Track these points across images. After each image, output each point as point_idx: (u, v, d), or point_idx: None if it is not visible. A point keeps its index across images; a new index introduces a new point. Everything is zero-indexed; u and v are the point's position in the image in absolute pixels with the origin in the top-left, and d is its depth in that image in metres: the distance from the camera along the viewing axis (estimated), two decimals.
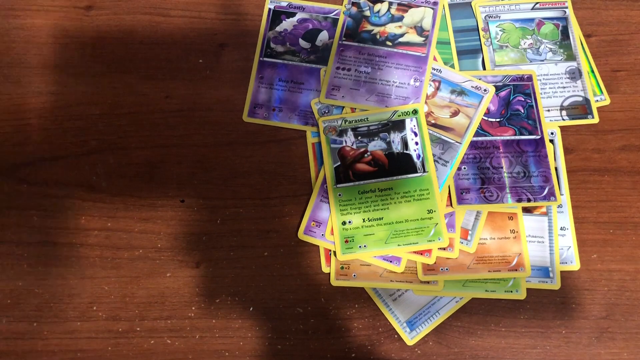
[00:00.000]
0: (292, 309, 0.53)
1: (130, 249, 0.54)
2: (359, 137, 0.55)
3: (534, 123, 0.55)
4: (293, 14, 0.59)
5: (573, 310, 0.53)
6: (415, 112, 0.55)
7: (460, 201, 0.53)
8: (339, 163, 0.54)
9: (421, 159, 0.53)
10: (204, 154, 0.56)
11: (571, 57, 0.57)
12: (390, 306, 0.53)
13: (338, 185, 0.53)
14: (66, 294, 0.53)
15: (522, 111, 0.55)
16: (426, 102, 0.55)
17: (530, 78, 0.56)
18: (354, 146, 0.54)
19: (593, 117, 0.56)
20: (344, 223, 0.53)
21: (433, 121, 0.55)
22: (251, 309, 0.53)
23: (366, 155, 0.54)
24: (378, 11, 0.58)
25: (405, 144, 0.54)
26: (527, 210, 0.54)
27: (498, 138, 0.55)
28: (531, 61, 0.57)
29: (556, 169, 0.55)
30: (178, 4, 0.60)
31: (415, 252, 0.52)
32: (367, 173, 0.54)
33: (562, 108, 0.56)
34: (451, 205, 0.53)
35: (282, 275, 0.54)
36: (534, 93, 0.56)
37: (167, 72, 0.58)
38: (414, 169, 0.53)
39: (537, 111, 0.55)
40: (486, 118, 0.55)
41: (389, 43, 0.57)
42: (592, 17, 0.59)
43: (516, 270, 0.52)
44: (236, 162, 0.56)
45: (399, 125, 0.54)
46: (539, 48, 0.58)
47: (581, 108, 0.56)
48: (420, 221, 0.52)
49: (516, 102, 0.55)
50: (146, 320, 0.53)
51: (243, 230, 0.54)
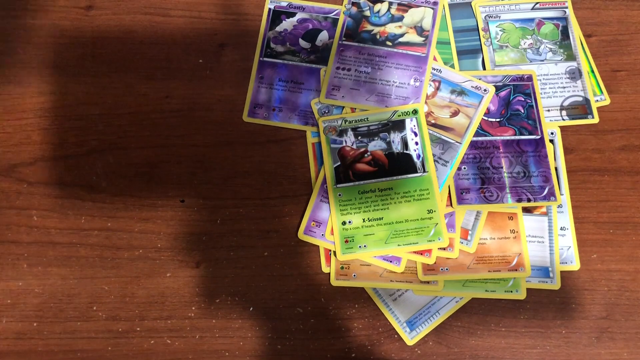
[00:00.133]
0: (292, 309, 0.53)
1: (130, 249, 0.54)
2: (359, 137, 0.55)
3: (534, 123, 0.55)
4: (293, 14, 0.59)
5: (573, 310, 0.53)
6: (415, 112, 0.55)
7: (460, 201, 0.53)
8: (339, 163, 0.54)
9: (421, 159, 0.53)
10: (204, 154, 0.56)
11: (571, 57, 0.57)
12: (390, 306, 0.53)
13: (338, 185, 0.53)
14: (66, 294, 0.53)
15: (522, 111, 0.55)
16: (426, 102, 0.55)
17: (530, 78, 0.56)
18: (354, 146, 0.54)
19: (593, 117, 0.56)
20: (344, 223, 0.53)
21: (433, 121, 0.55)
22: (251, 309, 0.53)
23: (366, 155, 0.54)
24: (378, 11, 0.58)
25: (405, 144, 0.54)
26: (527, 210, 0.54)
27: (498, 138, 0.55)
28: (531, 61, 0.57)
29: (556, 169, 0.55)
30: (178, 4, 0.60)
31: (415, 252, 0.52)
32: (367, 173, 0.54)
33: (562, 108, 0.56)
34: (451, 205, 0.53)
35: (282, 275, 0.54)
36: (534, 93, 0.56)
37: (167, 72, 0.58)
38: (414, 169, 0.53)
39: (537, 111, 0.55)
40: (486, 118, 0.55)
41: (389, 43, 0.57)
42: (592, 17, 0.59)
43: (516, 270, 0.52)
44: (236, 162, 0.56)
45: (399, 125, 0.54)
46: (539, 48, 0.58)
47: (581, 108, 0.56)
48: (420, 221, 0.52)
49: (516, 102, 0.55)
50: (146, 320, 0.53)
51: (243, 230, 0.54)
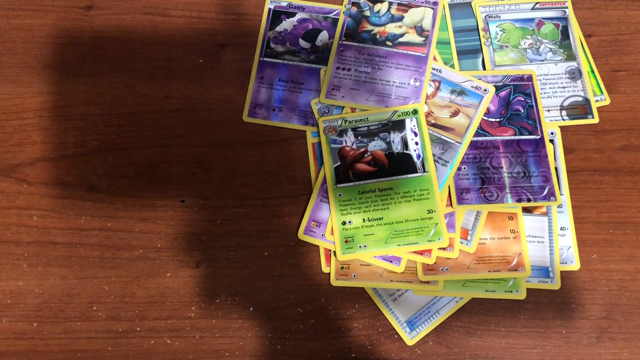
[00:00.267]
0: (292, 309, 0.53)
1: (130, 249, 0.54)
2: (359, 137, 0.55)
3: (534, 123, 0.55)
4: (293, 14, 0.59)
5: (573, 310, 0.53)
6: (415, 112, 0.55)
7: (460, 201, 0.53)
8: (339, 163, 0.54)
9: (421, 159, 0.53)
10: (204, 154, 0.56)
11: (571, 57, 0.57)
12: (390, 306, 0.53)
13: (338, 185, 0.53)
14: (66, 294, 0.53)
15: (522, 111, 0.55)
16: (426, 102, 0.55)
17: (530, 78, 0.56)
18: (354, 146, 0.54)
19: (593, 117, 0.56)
20: (344, 223, 0.53)
21: (433, 121, 0.55)
22: (251, 309, 0.53)
23: (366, 155, 0.54)
24: (378, 11, 0.58)
25: (405, 144, 0.54)
26: (527, 210, 0.54)
27: (498, 138, 0.55)
28: (531, 61, 0.57)
29: (556, 169, 0.55)
30: (178, 4, 0.60)
31: (415, 252, 0.52)
32: (367, 173, 0.54)
33: (562, 108, 0.56)
34: (451, 205, 0.53)
35: (282, 275, 0.54)
36: (534, 93, 0.56)
37: (167, 72, 0.58)
38: (414, 169, 0.53)
39: (537, 111, 0.55)
40: (486, 118, 0.55)
41: (389, 43, 0.57)
42: (592, 17, 0.59)
43: (516, 270, 0.52)
44: (236, 162, 0.56)
45: (399, 125, 0.54)
46: (539, 48, 0.58)
47: (581, 108, 0.56)
48: (420, 221, 0.52)
49: (516, 102, 0.55)
50: (146, 320, 0.53)
51: (243, 230, 0.54)
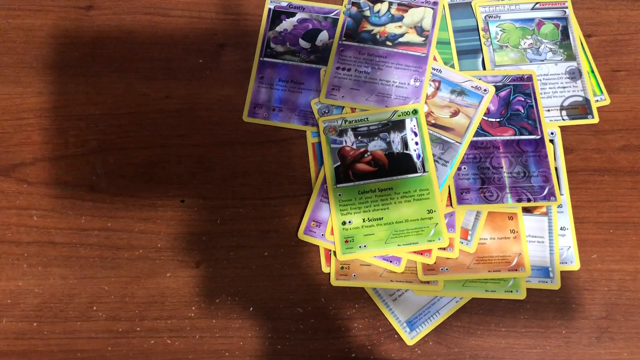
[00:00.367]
0: (292, 309, 0.53)
1: (130, 249, 0.54)
2: (359, 137, 0.55)
3: (534, 123, 0.55)
4: (293, 14, 0.59)
5: (573, 310, 0.53)
6: (415, 112, 0.55)
7: (460, 201, 0.53)
8: (339, 163, 0.54)
9: (421, 159, 0.53)
10: (204, 154, 0.56)
11: (571, 57, 0.57)
12: (390, 306, 0.53)
13: (338, 185, 0.53)
14: (66, 294, 0.53)
15: (522, 111, 0.55)
16: (426, 102, 0.55)
17: (530, 78, 0.56)
18: (354, 146, 0.54)
19: (593, 117, 0.56)
20: (344, 223, 0.53)
21: (433, 121, 0.55)
22: (251, 309, 0.53)
23: (366, 155, 0.54)
24: (378, 11, 0.58)
25: (405, 144, 0.54)
26: (527, 210, 0.54)
27: (498, 138, 0.55)
28: (531, 61, 0.57)
29: (556, 169, 0.55)
30: (178, 4, 0.60)
31: (415, 252, 0.52)
32: (367, 173, 0.54)
33: (562, 108, 0.56)
34: (451, 205, 0.53)
35: (282, 275, 0.54)
36: (534, 93, 0.56)
37: (167, 72, 0.58)
38: (414, 169, 0.53)
39: (537, 111, 0.55)
40: (486, 118, 0.55)
41: (389, 43, 0.57)
42: (592, 17, 0.59)
43: (516, 270, 0.52)
44: (236, 162, 0.56)
45: (399, 125, 0.54)
46: (539, 48, 0.58)
47: (581, 108, 0.56)
48: (420, 221, 0.52)
49: (516, 102, 0.55)
50: (146, 320, 0.53)
51: (243, 230, 0.54)
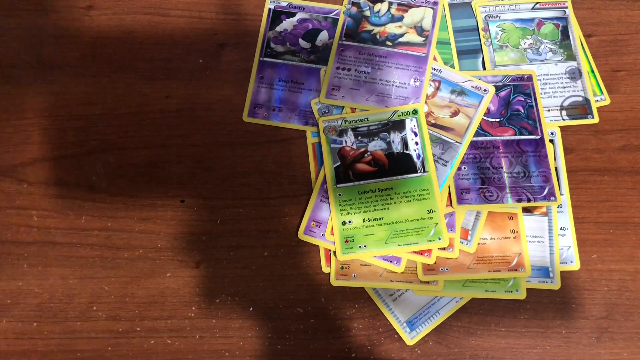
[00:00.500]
0: (292, 309, 0.53)
1: (130, 249, 0.54)
2: (359, 137, 0.55)
3: (534, 123, 0.55)
4: (293, 14, 0.59)
5: (573, 310, 0.53)
6: (415, 112, 0.55)
7: (460, 201, 0.53)
8: (339, 163, 0.54)
9: (421, 159, 0.53)
10: (204, 154, 0.56)
11: (571, 57, 0.57)
12: (390, 306, 0.53)
13: (338, 185, 0.53)
14: (66, 294, 0.53)
15: (522, 111, 0.55)
16: (426, 102, 0.55)
17: (530, 78, 0.56)
18: (354, 146, 0.54)
19: (593, 117, 0.56)
20: (344, 223, 0.53)
21: (433, 121, 0.55)
22: (251, 309, 0.53)
23: (366, 155, 0.54)
24: (378, 11, 0.58)
25: (405, 144, 0.54)
26: (527, 210, 0.54)
27: (498, 138, 0.55)
28: (531, 61, 0.57)
29: (556, 169, 0.55)
30: (178, 4, 0.60)
31: (415, 252, 0.52)
32: (367, 173, 0.54)
33: (562, 108, 0.56)
34: (451, 205, 0.53)
35: (282, 275, 0.54)
36: (534, 93, 0.56)
37: (167, 72, 0.58)
38: (414, 169, 0.53)
39: (537, 111, 0.55)
40: (486, 118, 0.55)
41: (389, 43, 0.57)
42: (592, 17, 0.59)
43: (516, 270, 0.52)
44: (236, 162, 0.56)
45: (399, 125, 0.54)
46: (539, 48, 0.58)
47: (581, 108, 0.56)
48: (420, 221, 0.52)
49: (516, 102, 0.55)
50: (146, 320, 0.53)
51: (243, 230, 0.54)
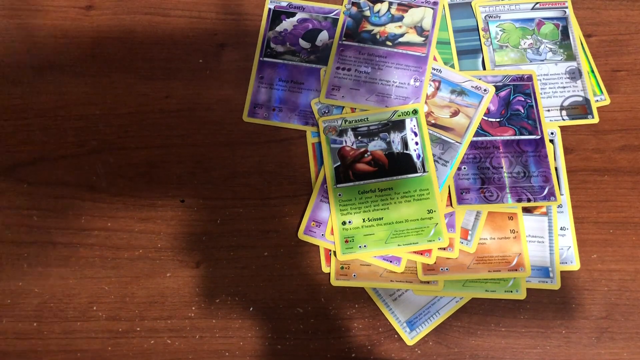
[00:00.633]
0: (292, 309, 0.53)
1: (130, 249, 0.54)
2: (359, 137, 0.55)
3: (534, 123, 0.55)
4: (293, 14, 0.59)
5: (573, 310, 0.53)
6: (415, 112, 0.55)
7: (460, 201, 0.53)
8: (339, 163, 0.54)
9: (421, 159, 0.53)
10: (204, 154, 0.56)
11: (571, 57, 0.57)
12: (390, 306, 0.53)
13: (338, 185, 0.53)
14: (66, 294, 0.53)
15: (522, 111, 0.55)
16: (426, 102, 0.55)
17: (530, 78, 0.56)
18: (354, 146, 0.54)
19: (593, 117, 0.56)
20: (344, 223, 0.53)
21: (433, 121, 0.55)
22: (251, 309, 0.53)
23: (366, 155, 0.54)
24: (378, 11, 0.58)
25: (405, 144, 0.54)
26: (527, 210, 0.54)
27: (498, 138, 0.55)
28: (531, 61, 0.57)
29: (556, 169, 0.55)
30: (178, 4, 0.60)
31: (415, 252, 0.52)
32: (367, 173, 0.54)
33: (562, 108, 0.56)
34: (451, 205, 0.53)
35: (282, 275, 0.54)
36: (534, 93, 0.56)
37: (167, 72, 0.58)
38: (414, 169, 0.53)
39: (537, 111, 0.55)
40: (486, 118, 0.55)
41: (389, 43, 0.57)
42: (592, 17, 0.59)
43: (516, 270, 0.52)
44: (236, 162, 0.56)
45: (399, 125, 0.54)
46: (539, 48, 0.58)
47: (581, 108, 0.56)
48: (420, 221, 0.52)
49: (516, 102, 0.55)
50: (146, 320, 0.53)
51: (243, 230, 0.54)
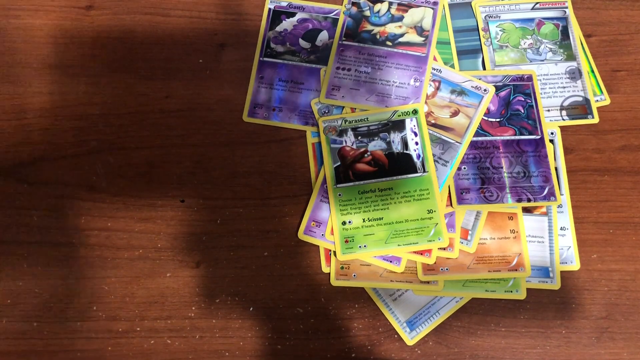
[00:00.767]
0: (292, 309, 0.53)
1: (130, 249, 0.54)
2: (359, 137, 0.55)
3: (534, 123, 0.55)
4: (293, 14, 0.59)
5: (573, 310, 0.53)
6: (415, 112, 0.55)
7: (460, 201, 0.53)
8: (339, 163, 0.54)
9: (421, 159, 0.53)
10: (204, 154, 0.56)
11: (571, 57, 0.57)
12: (390, 306, 0.53)
13: (338, 185, 0.53)
14: (66, 294, 0.53)
15: (522, 111, 0.55)
16: (426, 102, 0.55)
17: (530, 78, 0.56)
18: (354, 146, 0.54)
19: (593, 117, 0.56)
20: (344, 223, 0.53)
21: (433, 121, 0.55)
22: (251, 309, 0.53)
23: (366, 155, 0.54)
24: (378, 11, 0.58)
25: (405, 144, 0.54)
26: (527, 210, 0.54)
27: (498, 138, 0.55)
28: (531, 61, 0.57)
29: (556, 169, 0.55)
30: (178, 4, 0.60)
31: (415, 252, 0.52)
32: (367, 173, 0.54)
33: (562, 108, 0.56)
34: (451, 205, 0.53)
35: (282, 275, 0.54)
36: (534, 93, 0.56)
37: (167, 72, 0.58)
38: (414, 169, 0.53)
39: (537, 111, 0.55)
40: (486, 118, 0.55)
41: (389, 43, 0.57)
42: (592, 17, 0.59)
43: (516, 270, 0.52)
44: (236, 162, 0.56)
45: (399, 125, 0.54)
46: (539, 48, 0.58)
47: (581, 108, 0.56)
48: (420, 221, 0.52)
49: (516, 102, 0.55)
50: (146, 320, 0.53)
51: (243, 230, 0.54)
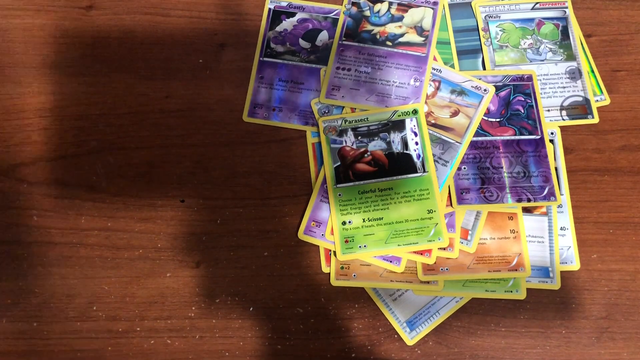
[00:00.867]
0: (292, 309, 0.53)
1: (130, 249, 0.54)
2: (359, 137, 0.55)
3: (534, 123, 0.55)
4: (293, 14, 0.59)
5: (573, 310, 0.53)
6: (415, 112, 0.55)
7: (460, 201, 0.53)
8: (339, 163, 0.54)
9: (421, 159, 0.53)
10: (204, 154, 0.56)
11: (571, 57, 0.57)
12: (390, 306, 0.53)
13: (338, 185, 0.53)
14: (66, 294, 0.53)
15: (522, 111, 0.55)
16: (426, 102, 0.55)
17: (530, 78, 0.56)
18: (354, 146, 0.54)
19: (593, 117, 0.56)
20: (344, 223, 0.53)
21: (433, 121, 0.55)
22: (251, 309, 0.53)
23: (366, 155, 0.54)
24: (378, 11, 0.58)
25: (405, 144, 0.54)
26: (527, 210, 0.54)
27: (498, 138, 0.55)
28: (531, 61, 0.57)
29: (556, 169, 0.55)
30: (178, 4, 0.60)
31: (415, 252, 0.52)
32: (367, 173, 0.54)
33: (562, 108, 0.56)
34: (451, 205, 0.53)
35: (282, 275, 0.54)
36: (534, 93, 0.56)
37: (167, 72, 0.58)
38: (414, 169, 0.53)
39: (537, 111, 0.55)
40: (486, 118, 0.55)
41: (389, 43, 0.57)
42: (592, 17, 0.59)
43: (516, 270, 0.52)
44: (236, 162, 0.56)
45: (399, 125, 0.54)
46: (539, 48, 0.58)
47: (581, 108, 0.56)
48: (420, 221, 0.52)
49: (516, 102, 0.55)
50: (146, 320, 0.53)
51: (243, 230, 0.54)
